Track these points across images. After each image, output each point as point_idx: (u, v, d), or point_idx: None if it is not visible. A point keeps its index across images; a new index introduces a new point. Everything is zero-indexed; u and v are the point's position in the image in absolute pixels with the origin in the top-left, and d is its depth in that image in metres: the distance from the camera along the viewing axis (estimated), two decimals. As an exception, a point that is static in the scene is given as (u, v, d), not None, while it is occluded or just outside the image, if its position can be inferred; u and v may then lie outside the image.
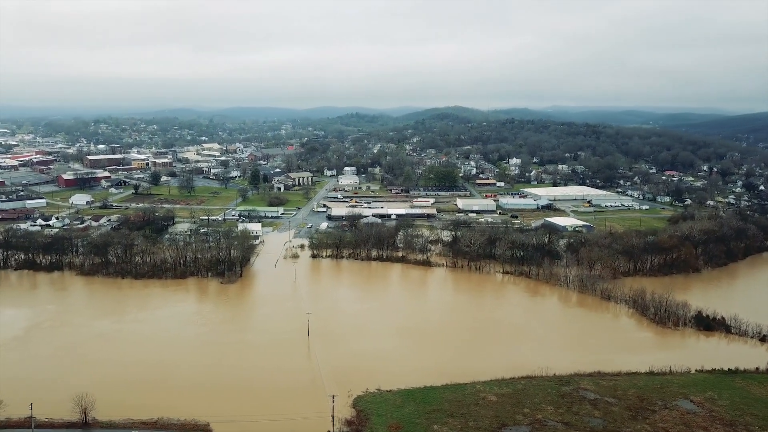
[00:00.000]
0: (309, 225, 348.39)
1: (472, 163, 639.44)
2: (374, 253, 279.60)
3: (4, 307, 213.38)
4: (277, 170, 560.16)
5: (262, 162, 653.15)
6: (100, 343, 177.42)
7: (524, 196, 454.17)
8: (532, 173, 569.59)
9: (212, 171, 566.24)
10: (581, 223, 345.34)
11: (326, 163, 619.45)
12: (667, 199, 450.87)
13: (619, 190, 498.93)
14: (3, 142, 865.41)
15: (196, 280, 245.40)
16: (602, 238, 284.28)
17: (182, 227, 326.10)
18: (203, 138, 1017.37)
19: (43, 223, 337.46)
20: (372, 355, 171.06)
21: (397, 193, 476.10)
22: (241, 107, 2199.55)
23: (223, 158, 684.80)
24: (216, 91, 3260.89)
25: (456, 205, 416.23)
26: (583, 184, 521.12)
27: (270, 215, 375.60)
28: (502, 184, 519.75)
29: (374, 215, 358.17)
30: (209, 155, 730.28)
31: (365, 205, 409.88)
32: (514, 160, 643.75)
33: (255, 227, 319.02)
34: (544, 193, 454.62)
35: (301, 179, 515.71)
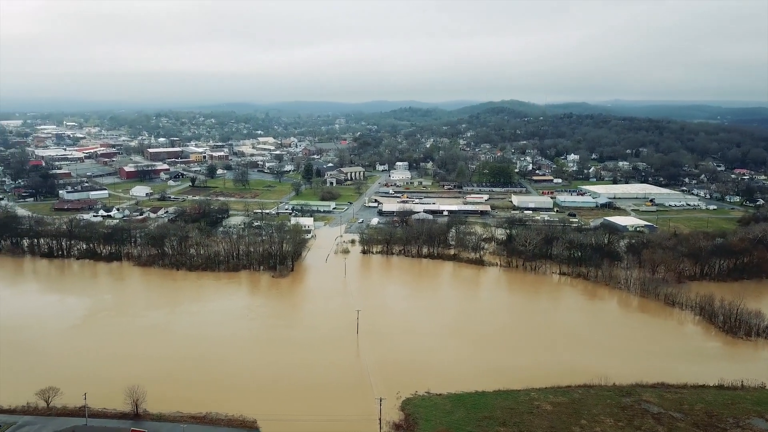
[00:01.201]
0: (360, 220, 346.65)
1: (528, 158, 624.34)
2: (425, 250, 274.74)
3: (66, 295, 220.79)
4: (330, 165, 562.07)
5: (315, 156, 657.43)
6: (152, 334, 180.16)
7: (582, 194, 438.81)
8: (591, 170, 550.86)
9: (267, 165, 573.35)
10: (643, 222, 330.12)
11: (378, 157, 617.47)
12: (737, 198, 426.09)
13: (684, 188, 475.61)
14: (71, 135, 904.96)
15: (248, 274, 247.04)
16: (666, 240, 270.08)
17: (236, 220, 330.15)
18: (259, 132, 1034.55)
19: (105, 213, 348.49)
20: (421, 355, 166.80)
21: (449, 189, 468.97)
22: (297, 101, 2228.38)
23: (277, 152, 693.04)
24: (273, 86, 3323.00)
25: (511, 202, 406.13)
26: (645, 181, 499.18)
27: (322, 210, 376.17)
28: (560, 180, 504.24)
29: (426, 211, 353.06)
30: (264, 149, 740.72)
31: (417, 200, 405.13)
32: (572, 156, 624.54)
33: (307, 221, 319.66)
34: (604, 191, 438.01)
35: (353, 174, 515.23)
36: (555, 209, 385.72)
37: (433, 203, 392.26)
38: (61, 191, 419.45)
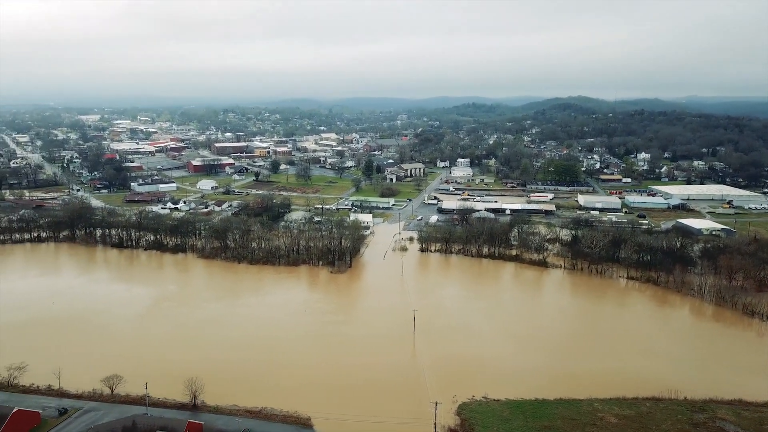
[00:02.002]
0: (419, 217, 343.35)
1: (595, 156, 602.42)
2: (486, 250, 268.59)
3: (134, 285, 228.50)
4: (390, 161, 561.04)
5: (376, 152, 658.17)
6: (211, 326, 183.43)
7: (653, 194, 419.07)
8: (662, 169, 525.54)
9: (328, 160, 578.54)
10: (719, 226, 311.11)
11: (439, 154, 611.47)
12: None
13: (766, 190, 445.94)
14: (144, 130, 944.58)
15: (307, 269, 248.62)
16: (745, 245, 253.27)
17: (297, 215, 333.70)
18: (322, 128, 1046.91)
19: (172, 206, 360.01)
20: (479, 359, 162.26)
21: (512, 187, 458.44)
22: (359, 97, 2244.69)
23: (339, 148, 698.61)
24: (337, 82, 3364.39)
25: (577, 201, 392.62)
26: (723, 182, 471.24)
27: (381, 206, 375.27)
28: (629, 180, 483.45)
29: (487, 209, 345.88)
30: (326, 145, 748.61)
31: (478, 198, 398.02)
32: (643, 155, 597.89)
33: (366, 218, 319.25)
34: (677, 192, 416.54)
35: (413, 170, 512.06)
36: (623, 210, 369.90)
37: (495, 201, 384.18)
38: (132, 184, 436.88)
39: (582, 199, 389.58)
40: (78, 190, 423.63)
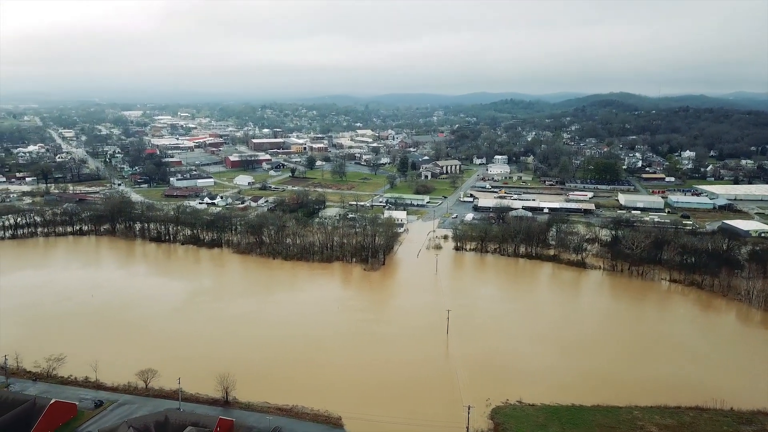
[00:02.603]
0: (454, 215, 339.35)
1: (637, 154, 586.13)
2: (522, 250, 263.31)
3: (170, 279, 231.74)
4: (426, 158, 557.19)
5: (411, 149, 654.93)
6: (244, 321, 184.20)
7: (698, 194, 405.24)
8: (708, 168, 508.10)
9: (363, 157, 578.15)
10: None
11: (476, 151, 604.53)
12: None
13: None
14: (184, 125, 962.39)
15: (340, 265, 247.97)
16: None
17: (332, 212, 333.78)
18: (358, 124, 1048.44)
19: (209, 201, 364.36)
20: (514, 361, 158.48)
21: (551, 185, 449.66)
22: (396, 93, 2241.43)
23: (374, 144, 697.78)
24: (373, 78, 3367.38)
25: (617, 200, 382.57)
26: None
27: (416, 203, 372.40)
28: (672, 179, 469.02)
29: (524, 208, 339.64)
30: (362, 141, 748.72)
31: (515, 196, 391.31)
32: (687, 153, 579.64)
33: (400, 215, 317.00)
34: (723, 192, 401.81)
35: (448, 167, 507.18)
36: (666, 210, 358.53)
37: (533, 200, 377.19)
38: (171, 178, 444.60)
39: (623, 199, 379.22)
40: (119, 185, 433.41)
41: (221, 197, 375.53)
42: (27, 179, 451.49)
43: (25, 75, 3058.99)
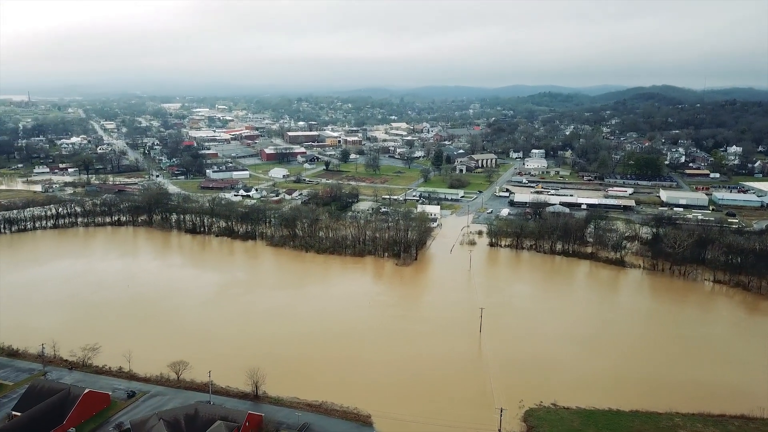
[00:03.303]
0: (489, 210, 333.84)
1: (680, 150, 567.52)
2: (559, 247, 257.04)
3: (204, 270, 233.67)
4: (461, 151, 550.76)
5: (446, 142, 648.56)
6: (276, 315, 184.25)
7: (745, 191, 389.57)
8: (756, 164, 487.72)
9: (398, 150, 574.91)
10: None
11: (512, 144, 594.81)
12: None
13: None
14: (221, 118, 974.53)
15: (372, 260, 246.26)
16: None
17: (365, 205, 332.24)
18: (393, 117, 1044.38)
19: (244, 193, 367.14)
20: (548, 362, 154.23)
21: (589, 180, 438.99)
22: (431, 86, 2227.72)
23: (409, 138, 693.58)
24: (409, 71, 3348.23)
25: (659, 197, 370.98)
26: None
27: (450, 198, 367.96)
28: (717, 175, 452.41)
29: (562, 204, 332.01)
30: (396, 134, 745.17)
31: (552, 191, 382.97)
32: (734, 148, 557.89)
33: (433, 209, 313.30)
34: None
35: (484, 161, 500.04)
36: (710, 207, 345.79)
37: (571, 195, 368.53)
38: (208, 170, 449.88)
39: (665, 195, 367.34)
40: (157, 176, 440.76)
41: (256, 190, 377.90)
42: (69, 170, 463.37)
43: (72, 70, 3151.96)
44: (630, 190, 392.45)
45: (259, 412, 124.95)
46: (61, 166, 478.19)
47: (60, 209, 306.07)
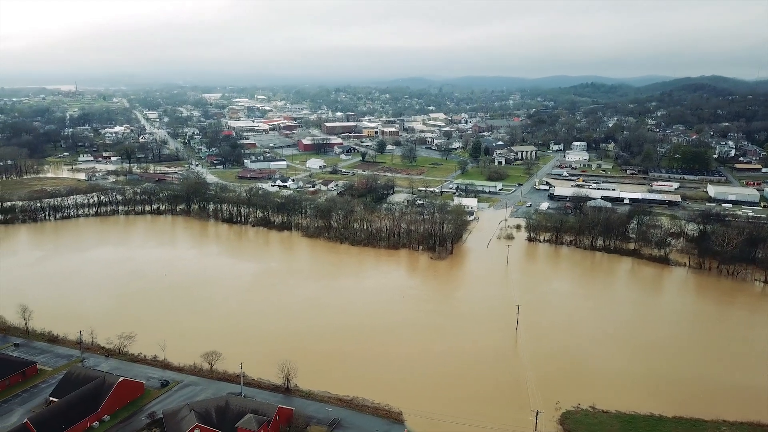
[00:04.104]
0: (528, 204, 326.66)
1: (730, 143, 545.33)
2: (600, 242, 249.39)
3: (240, 260, 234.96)
4: (500, 143, 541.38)
5: (485, 134, 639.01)
6: (309, 307, 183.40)
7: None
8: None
9: (435, 141, 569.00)
10: None
11: (553, 136, 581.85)
12: None
13: None
14: (260, 108, 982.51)
15: (407, 253, 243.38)
16: None
17: (400, 197, 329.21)
18: (430, 108, 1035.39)
19: (281, 184, 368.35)
20: (587, 363, 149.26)
21: (632, 174, 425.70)
22: (470, 76, 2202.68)
23: (446, 128, 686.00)
24: (448, 61, 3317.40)
25: (706, 192, 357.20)
26: None
27: (487, 190, 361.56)
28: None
29: (603, 198, 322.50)
30: (434, 125, 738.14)
31: (594, 185, 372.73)
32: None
33: (470, 202, 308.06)
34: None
35: (523, 153, 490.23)
36: (762, 204, 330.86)
37: (613, 189, 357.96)
38: (246, 160, 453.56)
39: (713, 190, 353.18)
40: (196, 165, 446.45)
41: (293, 180, 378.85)
42: (112, 159, 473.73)
43: (118, 61, 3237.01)
44: (675, 185, 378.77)
45: (290, 406, 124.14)
46: (104, 154, 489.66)
47: (102, 197, 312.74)
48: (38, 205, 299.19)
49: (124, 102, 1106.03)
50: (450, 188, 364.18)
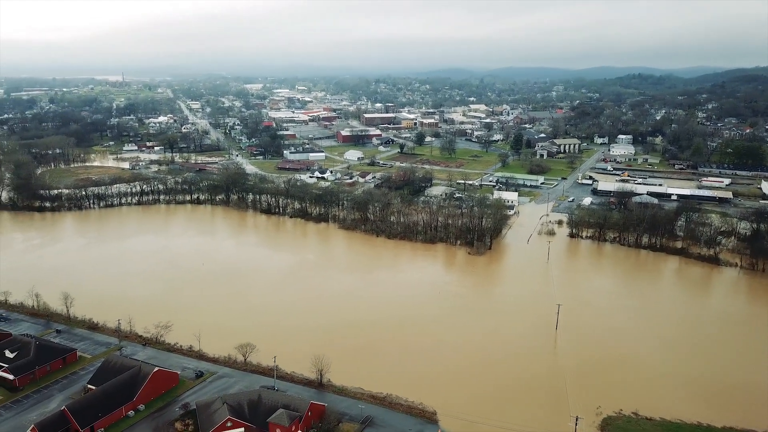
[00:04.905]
0: (570, 198, 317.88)
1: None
2: (645, 240, 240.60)
3: (276, 251, 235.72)
4: (542, 135, 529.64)
5: (527, 126, 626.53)
6: (344, 300, 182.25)
7: None
8: None
9: (475, 133, 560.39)
10: None
11: (597, 129, 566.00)
12: None
13: None
14: (300, 99, 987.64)
15: (444, 247, 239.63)
16: None
17: (438, 190, 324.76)
18: (471, 99, 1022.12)
19: (319, 175, 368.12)
20: (630, 367, 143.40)
21: (681, 169, 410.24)
22: (512, 67, 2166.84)
23: (487, 120, 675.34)
24: (489, 51, 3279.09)
25: (760, 189, 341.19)
26: None
27: (528, 184, 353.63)
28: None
29: (649, 193, 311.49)
30: (474, 117, 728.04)
31: (639, 180, 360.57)
32: None
33: (511, 196, 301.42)
34: None
35: (566, 146, 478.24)
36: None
37: (660, 185, 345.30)
38: (285, 151, 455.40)
39: (767, 187, 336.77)
40: (236, 156, 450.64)
41: (331, 172, 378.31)
42: (155, 148, 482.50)
43: (164, 52, 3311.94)
44: (727, 181, 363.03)
45: (322, 401, 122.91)
46: (148, 144, 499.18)
47: (144, 186, 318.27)
48: (83, 193, 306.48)
49: (169, 92, 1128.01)
50: (490, 181, 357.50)
